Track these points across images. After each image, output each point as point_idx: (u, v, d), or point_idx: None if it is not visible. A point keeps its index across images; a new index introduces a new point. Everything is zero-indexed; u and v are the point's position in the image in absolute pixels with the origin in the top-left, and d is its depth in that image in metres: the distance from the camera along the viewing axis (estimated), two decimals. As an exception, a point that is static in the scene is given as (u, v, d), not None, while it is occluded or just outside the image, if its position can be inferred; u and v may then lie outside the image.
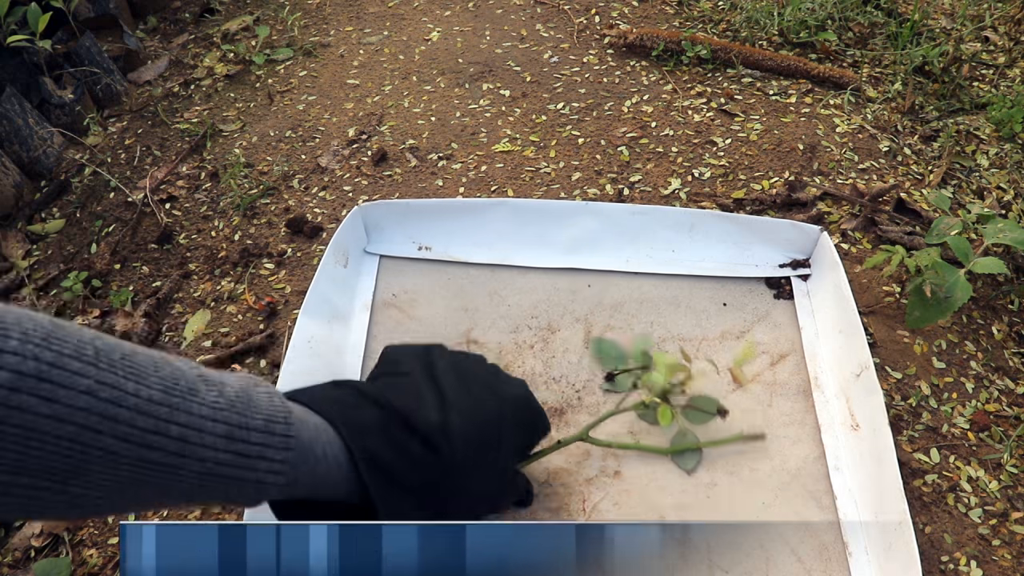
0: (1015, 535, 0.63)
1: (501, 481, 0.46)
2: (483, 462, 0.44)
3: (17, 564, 0.67)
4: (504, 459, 0.45)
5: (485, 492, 0.45)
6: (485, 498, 0.46)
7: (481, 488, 0.44)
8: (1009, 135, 1.00)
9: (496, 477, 0.45)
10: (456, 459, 0.43)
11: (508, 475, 0.47)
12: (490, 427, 0.45)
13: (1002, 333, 0.78)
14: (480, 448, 0.43)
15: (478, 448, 0.43)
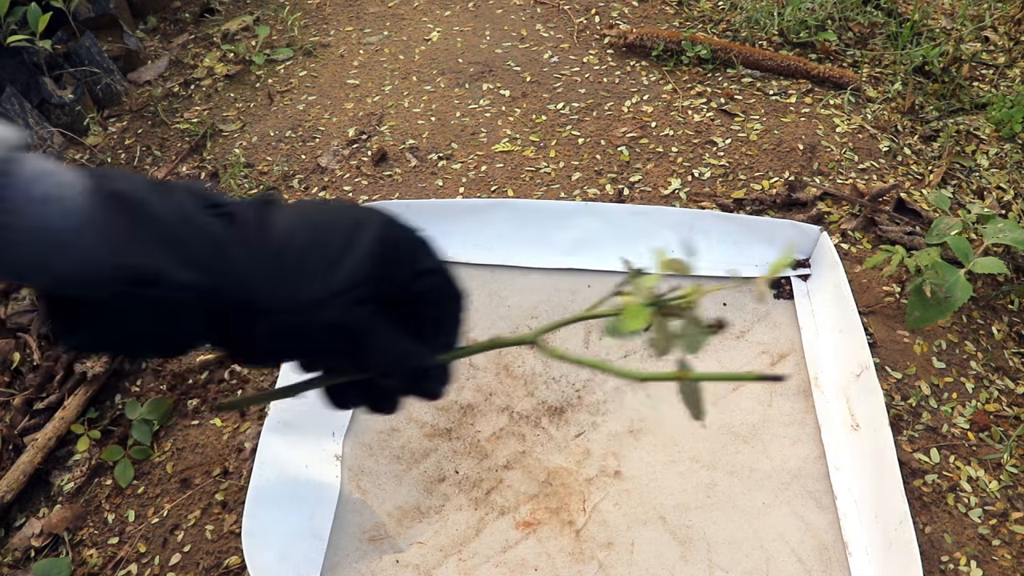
0: (1015, 535, 0.63)
1: (342, 316, 0.29)
2: (312, 269, 0.29)
3: (17, 564, 0.67)
4: (348, 276, 0.29)
5: (312, 322, 0.29)
6: (311, 331, 0.29)
7: (304, 315, 0.29)
8: (1009, 135, 1.00)
9: (334, 307, 0.29)
10: (267, 244, 0.29)
11: (358, 316, 0.30)
12: (332, 223, 0.31)
13: (1002, 333, 0.78)
14: (312, 248, 0.29)
15: (309, 247, 0.29)
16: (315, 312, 0.29)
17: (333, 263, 0.30)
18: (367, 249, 0.30)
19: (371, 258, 0.30)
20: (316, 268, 0.29)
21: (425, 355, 0.33)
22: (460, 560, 0.61)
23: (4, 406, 0.78)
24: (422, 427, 0.70)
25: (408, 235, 0.33)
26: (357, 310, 0.30)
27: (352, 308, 0.30)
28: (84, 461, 0.73)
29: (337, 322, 0.30)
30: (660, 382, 0.33)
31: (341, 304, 0.29)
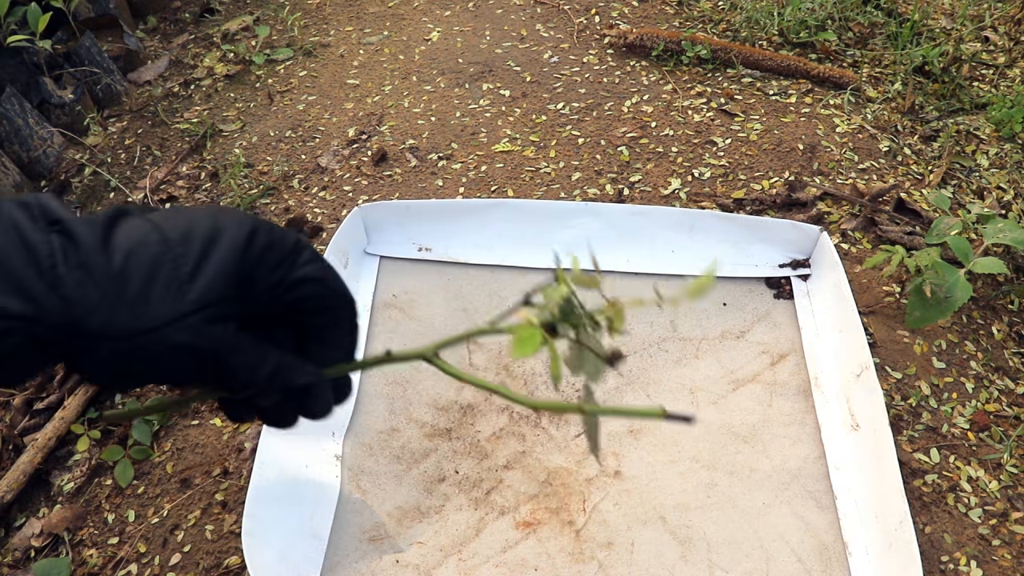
0: (1015, 535, 0.63)
1: (194, 339, 0.27)
2: (159, 289, 0.27)
3: (17, 564, 0.67)
4: (200, 295, 0.27)
5: (159, 346, 0.27)
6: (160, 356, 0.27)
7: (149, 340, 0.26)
8: (1009, 135, 1.00)
9: (184, 330, 0.27)
10: (107, 264, 0.26)
11: (214, 337, 0.28)
12: (187, 234, 0.28)
13: (1002, 333, 0.78)
14: (160, 265, 0.27)
15: (157, 263, 0.27)
16: (162, 336, 0.27)
17: (185, 281, 0.27)
18: (225, 261, 0.28)
19: (229, 272, 0.28)
20: (165, 288, 0.27)
21: (300, 372, 0.31)
22: (460, 560, 0.61)
23: (4, 406, 0.78)
24: (422, 427, 0.70)
25: (277, 241, 0.30)
26: (212, 330, 0.28)
27: (205, 329, 0.27)
28: (84, 461, 0.73)
29: (189, 344, 0.27)
30: (564, 412, 0.31)
31: (192, 325, 0.27)
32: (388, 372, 0.74)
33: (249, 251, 0.29)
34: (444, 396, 0.72)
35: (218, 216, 0.29)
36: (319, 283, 0.31)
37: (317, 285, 0.31)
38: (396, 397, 0.72)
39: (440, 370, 0.31)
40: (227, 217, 0.29)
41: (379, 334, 0.77)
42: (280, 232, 0.30)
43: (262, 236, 0.29)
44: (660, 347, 0.75)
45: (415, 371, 0.74)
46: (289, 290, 0.30)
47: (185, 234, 0.28)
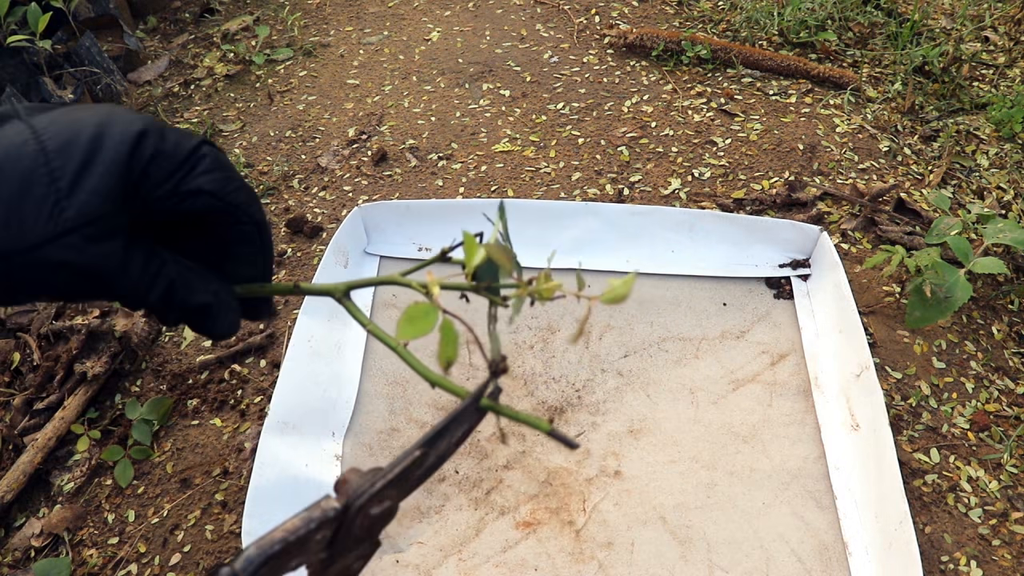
0: (1015, 535, 0.63)
1: (75, 257, 0.25)
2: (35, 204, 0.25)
3: (17, 564, 0.67)
4: (79, 210, 0.25)
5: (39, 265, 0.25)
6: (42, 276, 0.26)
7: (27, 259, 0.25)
8: (1009, 135, 1.00)
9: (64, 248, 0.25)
10: None
11: (97, 254, 0.26)
12: (69, 141, 0.26)
13: (1002, 333, 0.78)
14: (36, 179, 0.25)
15: (31, 177, 0.25)
16: (40, 255, 0.25)
17: (62, 196, 0.25)
18: (106, 173, 0.26)
19: (111, 185, 0.26)
20: (39, 204, 0.25)
21: (197, 291, 0.29)
22: (460, 560, 0.61)
23: (4, 406, 0.78)
24: (422, 427, 0.70)
25: (169, 149, 0.27)
26: (94, 248, 0.26)
27: (86, 247, 0.25)
28: (84, 461, 0.73)
29: (69, 263, 0.25)
30: (455, 395, 0.28)
31: (71, 244, 0.25)
32: (388, 372, 0.74)
33: (134, 161, 0.26)
34: (444, 396, 0.72)
35: (106, 119, 0.27)
36: (212, 196, 0.28)
37: (210, 198, 0.28)
38: (396, 397, 0.72)
39: (347, 312, 0.30)
40: (116, 120, 0.27)
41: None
42: (175, 138, 0.27)
43: (150, 143, 0.27)
44: (660, 347, 0.75)
45: (414, 371, 0.74)
46: (182, 201, 0.28)
47: (65, 144, 0.26)
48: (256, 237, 0.31)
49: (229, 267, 0.31)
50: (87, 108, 0.27)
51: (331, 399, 0.70)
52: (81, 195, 0.25)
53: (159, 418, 0.74)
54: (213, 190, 0.28)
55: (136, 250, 0.27)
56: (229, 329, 0.31)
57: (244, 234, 0.30)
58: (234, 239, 0.30)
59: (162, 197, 0.27)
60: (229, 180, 0.29)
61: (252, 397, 0.75)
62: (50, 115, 0.27)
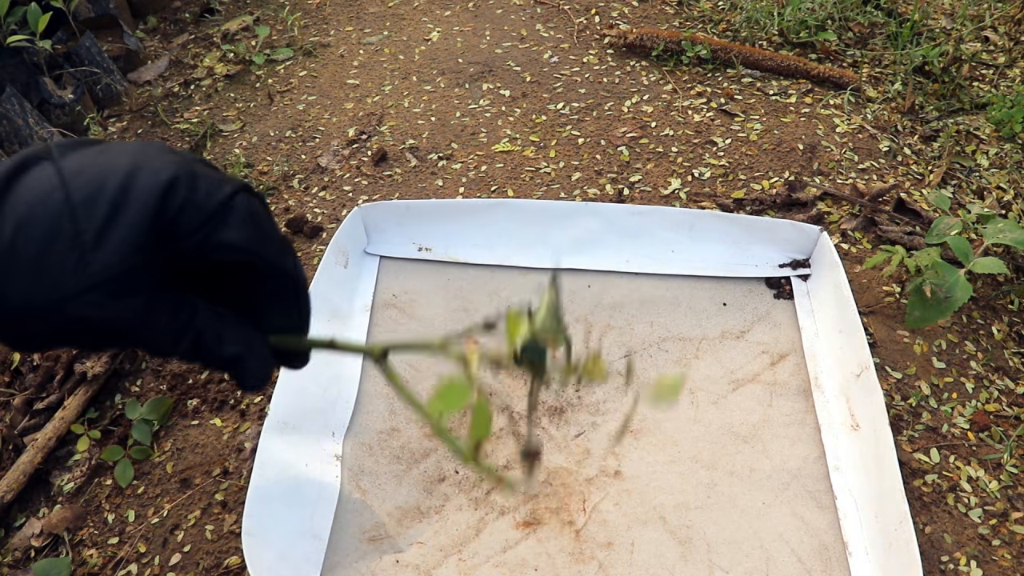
0: (1015, 535, 0.63)
1: (98, 313, 0.25)
2: (57, 258, 0.24)
3: (17, 564, 0.67)
4: (104, 265, 0.24)
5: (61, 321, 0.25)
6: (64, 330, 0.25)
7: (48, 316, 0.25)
8: (1009, 135, 1.00)
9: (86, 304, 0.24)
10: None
11: (121, 310, 0.25)
12: (96, 190, 0.25)
13: (1002, 333, 0.78)
14: (60, 232, 0.24)
15: (55, 230, 0.24)
16: (62, 312, 0.24)
17: (87, 251, 0.24)
18: (132, 227, 0.25)
19: (137, 240, 0.25)
20: (62, 260, 0.24)
21: (227, 342, 0.28)
22: (460, 560, 0.61)
23: (4, 406, 0.78)
24: (422, 427, 0.70)
25: (200, 199, 0.26)
26: (117, 304, 0.25)
27: (109, 303, 0.25)
28: (84, 461, 0.73)
29: (92, 319, 0.25)
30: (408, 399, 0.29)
31: (93, 301, 0.24)
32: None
33: (162, 212, 0.25)
34: (444, 396, 0.72)
35: (137, 165, 0.26)
36: (242, 252, 0.27)
37: (241, 253, 0.27)
38: (396, 397, 0.72)
39: (384, 376, 0.29)
40: (146, 167, 0.25)
41: (379, 334, 0.77)
42: (207, 187, 0.26)
43: (180, 193, 0.25)
44: (660, 347, 0.75)
45: (415, 371, 0.74)
46: (211, 253, 0.27)
47: (91, 196, 0.25)
48: (291, 291, 0.29)
49: (264, 319, 0.30)
50: (120, 148, 0.27)
51: (331, 399, 0.70)
52: (106, 250, 0.25)
53: (159, 418, 0.74)
54: (243, 245, 0.27)
55: (163, 300, 0.26)
56: (260, 381, 0.30)
57: (278, 288, 0.29)
58: (267, 293, 0.29)
59: (191, 248, 0.26)
60: (260, 233, 0.28)
61: (252, 397, 0.75)
62: (81, 157, 0.26)
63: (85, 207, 0.25)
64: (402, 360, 0.75)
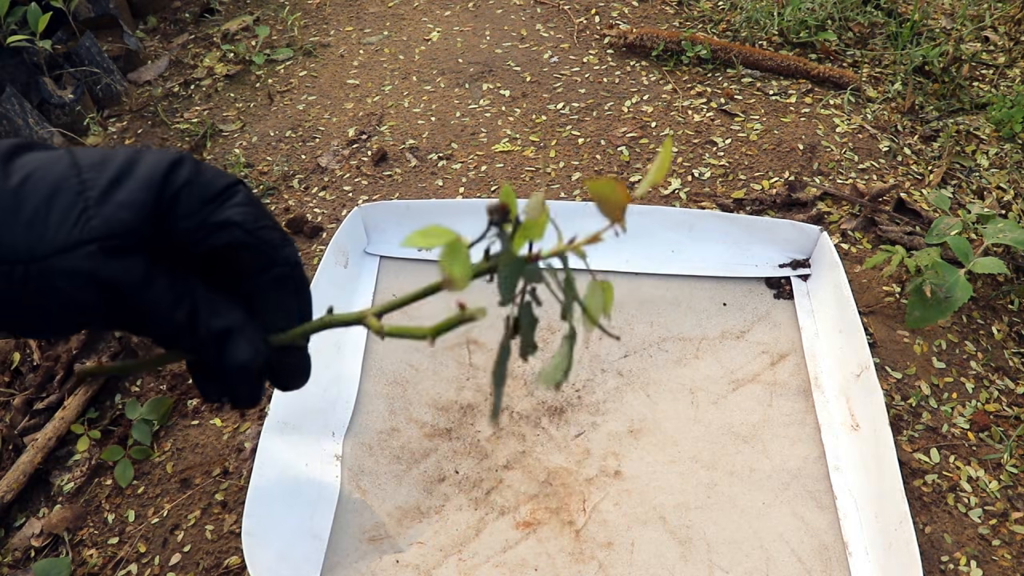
0: (1015, 535, 0.63)
1: (94, 266, 0.24)
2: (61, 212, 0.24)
3: (17, 564, 0.67)
4: (105, 222, 0.24)
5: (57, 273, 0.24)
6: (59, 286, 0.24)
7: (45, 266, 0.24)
8: (1009, 135, 1.00)
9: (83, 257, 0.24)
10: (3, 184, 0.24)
11: (119, 267, 0.25)
12: (103, 160, 0.26)
13: (1002, 333, 0.78)
14: (66, 189, 0.25)
15: (62, 187, 0.25)
16: (59, 262, 0.24)
17: (90, 206, 0.25)
18: (138, 189, 0.25)
19: (141, 202, 0.25)
20: (65, 211, 0.24)
21: (220, 315, 0.27)
22: (460, 560, 0.61)
23: (4, 406, 0.79)
24: (422, 427, 0.70)
25: (206, 180, 0.26)
26: (116, 261, 0.25)
27: (108, 259, 0.24)
28: (84, 461, 0.73)
29: (89, 273, 0.24)
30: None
31: (92, 254, 0.24)
32: (388, 372, 0.74)
33: (168, 183, 0.26)
34: (444, 396, 0.72)
35: (142, 150, 0.27)
36: (242, 230, 0.26)
37: (240, 231, 0.26)
38: (396, 397, 0.72)
39: (376, 332, 0.28)
40: (153, 151, 0.27)
41: (379, 334, 0.77)
42: (212, 172, 0.27)
43: (185, 170, 0.26)
44: (660, 347, 0.75)
45: (415, 371, 0.74)
46: (210, 234, 0.26)
47: (98, 162, 0.26)
48: (290, 281, 0.29)
49: (263, 315, 0.29)
50: (125, 147, 0.28)
51: (331, 399, 0.70)
52: (110, 206, 0.25)
53: (159, 418, 0.74)
54: (243, 223, 0.27)
55: (162, 268, 0.26)
56: (248, 358, 0.27)
57: (277, 277, 0.28)
58: (266, 283, 0.28)
59: (191, 228, 0.26)
60: (261, 216, 0.27)
61: (252, 397, 0.75)
62: (88, 147, 0.27)
63: (92, 168, 0.25)
64: (402, 360, 0.75)
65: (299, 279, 0.29)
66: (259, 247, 0.27)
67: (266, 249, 0.27)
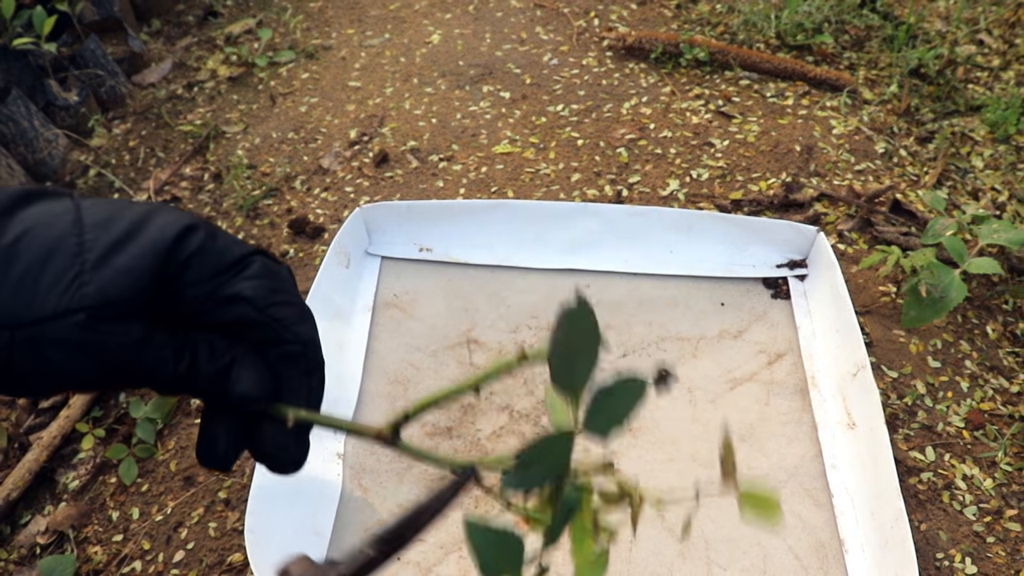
0: (1009, 532, 0.64)
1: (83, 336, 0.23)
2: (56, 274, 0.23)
3: (23, 561, 0.68)
4: (101, 287, 0.23)
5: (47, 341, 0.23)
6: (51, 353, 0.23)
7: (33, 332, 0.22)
8: (1003, 137, 1.01)
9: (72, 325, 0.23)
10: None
11: (112, 333, 0.23)
12: (110, 219, 0.24)
13: (997, 332, 0.79)
14: (63, 250, 0.23)
15: (59, 248, 0.23)
16: (46, 331, 0.22)
17: (86, 270, 0.23)
18: (140, 255, 0.23)
19: (143, 269, 0.23)
20: (58, 275, 0.22)
21: (222, 357, 0.25)
22: (461, 557, 0.62)
23: (10, 405, 0.79)
24: (423, 426, 0.71)
25: (218, 248, 0.24)
26: (107, 328, 0.23)
27: (99, 327, 0.23)
28: (89, 459, 0.73)
29: (76, 342, 0.23)
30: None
31: (81, 323, 0.22)
32: (389, 372, 0.75)
33: (178, 249, 0.24)
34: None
35: (155, 209, 0.24)
36: (251, 306, 0.24)
37: (249, 308, 0.24)
38: (397, 396, 0.73)
39: (398, 451, 0.26)
40: (168, 211, 0.24)
41: (380, 334, 0.77)
42: (226, 241, 0.25)
43: (198, 237, 0.24)
44: (658, 347, 0.76)
45: (416, 371, 0.75)
46: (218, 307, 0.24)
47: (104, 220, 0.24)
48: (301, 359, 0.26)
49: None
50: (142, 203, 0.25)
51: (332, 399, 0.71)
52: (107, 271, 0.23)
53: (163, 416, 0.74)
54: (254, 298, 0.24)
55: (159, 331, 0.24)
56: (258, 384, 0.25)
57: (286, 354, 0.26)
58: (275, 357, 0.26)
59: (197, 298, 0.24)
60: (275, 291, 0.25)
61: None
62: (100, 200, 0.25)
63: (95, 227, 0.24)
64: (403, 360, 0.75)
65: (312, 359, 0.26)
66: (269, 324, 0.25)
67: (276, 326, 0.25)
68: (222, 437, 0.26)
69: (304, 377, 0.26)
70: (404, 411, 0.26)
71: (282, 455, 0.26)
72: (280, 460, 0.27)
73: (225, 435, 0.26)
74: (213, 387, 0.25)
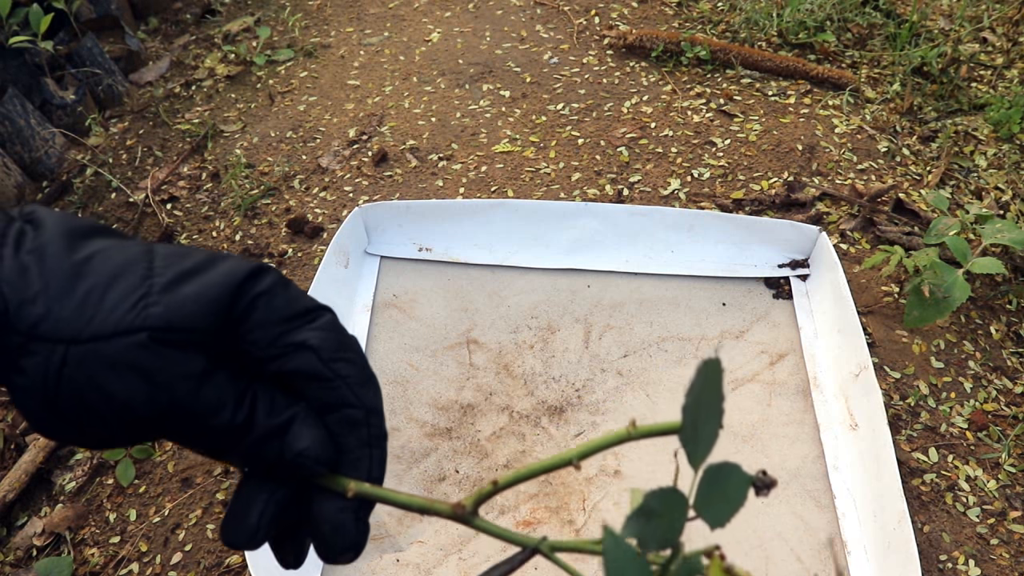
0: (1013, 534, 0.63)
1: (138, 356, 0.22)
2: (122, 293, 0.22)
3: (19, 563, 0.67)
4: (165, 313, 0.22)
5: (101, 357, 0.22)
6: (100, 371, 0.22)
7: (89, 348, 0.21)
8: (1007, 136, 1.00)
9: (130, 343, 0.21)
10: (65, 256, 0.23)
11: (168, 359, 0.22)
12: (181, 253, 0.24)
13: (1000, 333, 0.79)
14: (131, 272, 0.22)
15: (128, 270, 0.22)
16: (106, 347, 0.21)
17: (155, 292, 0.22)
18: (210, 286, 0.22)
19: (211, 299, 0.22)
20: (125, 293, 0.22)
21: (283, 412, 0.23)
22: (460, 559, 0.62)
23: (6, 406, 0.79)
24: (422, 427, 0.70)
25: (291, 297, 0.24)
26: (168, 353, 0.22)
27: (160, 351, 0.22)
28: (85, 460, 0.73)
29: (131, 362, 0.21)
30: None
31: (142, 343, 0.21)
32: (388, 372, 0.74)
33: (247, 288, 0.23)
34: (444, 396, 0.72)
35: (228, 254, 0.24)
36: (317, 357, 0.23)
37: (314, 357, 0.23)
38: (396, 397, 0.72)
39: (471, 524, 0.25)
40: (238, 256, 0.24)
41: (380, 334, 0.77)
42: (300, 292, 0.24)
43: (269, 279, 0.23)
44: (660, 347, 0.75)
45: (415, 371, 0.74)
46: (282, 353, 0.23)
47: (177, 253, 0.23)
48: (363, 428, 0.24)
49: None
50: (211, 251, 0.25)
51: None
52: (176, 296, 0.22)
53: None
54: (319, 348, 0.23)
55: (220, 372, 0.23)
56: (317, 443, 0.23)
57: (347, 419, 0.24)
58: (334, 422, 0.24)
59: (261, 343, 0.23)
60: (343, 347, 0.24)
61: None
62: (171, 245, 0.24)
63: (167, 258, 0.23)
64: (402, 360, 0.75)
65: (375, 428, 0.24)
66: (332, 381, 0.24)
67: (339, 385, 0.24)
68: (261, 507, 0.24)
69: (365, 448, 0.24)
70: (492, 482, 0.24)
71: (337, 537, 0.24)
72: (334, 544, 0.24)
73: (264, 505, 0.24)
74: (266, 445, 0.23)
